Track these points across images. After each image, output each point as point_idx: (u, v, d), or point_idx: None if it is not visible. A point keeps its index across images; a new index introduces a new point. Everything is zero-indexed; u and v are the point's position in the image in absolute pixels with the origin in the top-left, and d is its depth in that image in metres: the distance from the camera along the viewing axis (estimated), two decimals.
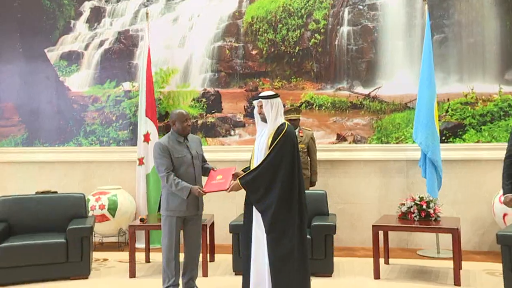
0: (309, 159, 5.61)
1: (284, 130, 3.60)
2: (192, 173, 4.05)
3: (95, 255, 5.39)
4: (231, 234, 4.79)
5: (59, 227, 4.87)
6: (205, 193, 3.95)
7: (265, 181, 3.54)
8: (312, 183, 5.64)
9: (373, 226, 4.63)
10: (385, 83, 5.94)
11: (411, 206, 4.73)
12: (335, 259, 4.74)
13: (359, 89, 6.01)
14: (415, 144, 5.49)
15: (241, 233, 4.17)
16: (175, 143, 4.06)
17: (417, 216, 4.67)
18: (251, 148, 3.91)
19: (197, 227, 4.17)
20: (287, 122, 3.70)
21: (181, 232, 4.13)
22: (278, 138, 3.57)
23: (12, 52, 6.70)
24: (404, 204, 4.78)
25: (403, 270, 4.85)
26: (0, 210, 4.95)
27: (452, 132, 5.75)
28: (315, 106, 6.10)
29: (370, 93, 5.98)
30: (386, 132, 5.92)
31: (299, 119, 5.63)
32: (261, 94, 3.81)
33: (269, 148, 3.58)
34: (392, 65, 5.93)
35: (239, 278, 4.46)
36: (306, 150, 5.57)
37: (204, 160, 4.24)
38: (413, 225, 4.62)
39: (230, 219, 5.04)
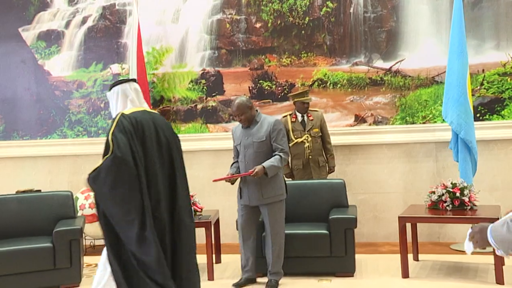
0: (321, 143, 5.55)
1: (112, 126, 3.25)
2: (242, 161, 4.43)
3: (86, 259, 5.36)
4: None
5: (45, 230, 4.82)
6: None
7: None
8: (331, 169, 5.58)
9: (399, 218, 4.58)
10: (409, 54, 5.86)
11: (443, 194, 4.65)
12: (357, 256, 4.70)
13: (379, 63, 5.93)
14: (445, 123, 5.43)
15: None
16: (239, 129, 4.51)
17: (450, 206, 4.60)
18: None
19: (269, 215, 4.38)
20: (121, 113, 3.30)
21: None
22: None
23: None
24: (434, 192, 4.71)
25: (435, 267, 4.79)
26: None
27: (488, 108, 5.65)
28: (329, 84, 6.03)
29: (391, 67, 5.90)
30: (411, 111, 5.85)
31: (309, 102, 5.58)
32: None
33: None
34: (416, 33, 5.83)
35: None
36: (320, 134, 5.50)
37: (275, 149, 4.37)
38: (446, 216, 4.56)
39: (237, 215, 4.97)
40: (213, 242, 4.95)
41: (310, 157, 5.43)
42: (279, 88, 6.14)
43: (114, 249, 3.21)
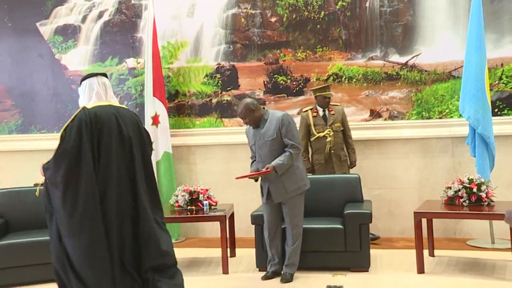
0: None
1: (68, 121, 3.30)
2: (259, 161, 4.43)
3: None
4: (254, 225, 4.74)
5: None
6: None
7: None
8: (353, 164, 5.55)
9: (415, 213, 4.54)
10: (425, 49, 5.78)
11: (459, 190, 4.59)
12: (371, 251, 4.67)
13: (395, 58, 5.86)
14: (462, 118, 5.35)
15: None
16: (251, 130, 4.50)
17: (466, 201, 4.53)
18: None
19: (289, 208, 4.42)
20: (82, 107, 3.34)
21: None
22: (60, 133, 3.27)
23: (0, 27, 6.69)
24: (450, 188, 4.65)
25: (451, 263, 4.74)
26: None
27: (507, 103, 5.56)
28: (345, 78, 5.97)
29: (407, 61, 5.83)
30: (427, 106, 5.77)
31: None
32: None
33: None
34: (433, 27, 5.75)
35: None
36: (342, 128, 5.47)
37: (286, 144, 4.36)
38: (462, 212, 4.49)
39: (252, 209, 4.99)
40: (227, 236, 4.94)
41: (332, 151, 5.40)
42: (294, 83, 6.10)
43: (55, 242, 3.27)
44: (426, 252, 4.72)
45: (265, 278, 4.48)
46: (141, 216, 3.31)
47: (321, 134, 5.42)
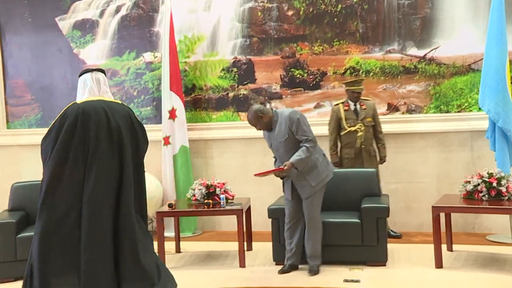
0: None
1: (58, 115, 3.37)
2: (279, 162, 4.43)
3: None
4: (270, 219, 4.74)
5: None
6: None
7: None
8: (383, 159, 5.51)
9: (433, 207, 4.49)
10: (444, 42, 5.70)
11: (478, 184, 4.53)
12: (389, 245, 4.64)
13: (413, 51, 5.80)
14: (481, 112, 5.28)
15: None
16: (266, 133, 4.53)
17: (486, 196, 4.47)
18: None
19: (306, 202, 4.43)
20: (73, 102, 3.41)
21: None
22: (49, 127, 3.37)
23: (20, 22, 6.76)
24: (469, 182, 4.59)
25: (470, 258, 4.68)
26: (16, 198, 5.05)
27: None
28: (362, 72, 5.92)
29: (426, 54, 5.76)
30: (445, 100, 5.70)
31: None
32: None
33: None
34: (452, 20, 5.66)
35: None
36: (373, 123, 5.42)
37: (301, 140, 4.33)
38: (481, 206, 4.44)
39: (268, 202, 4.97)
40: (244, 229, 4.94)
41: (363, 146, 5.35)
42: (311, 77, 6.06)
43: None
44: (444, 246, 4.67)
45: (282, 271, 4.47)
46: (125, 215, 3.30)
47: (352, 129, 5.37)
